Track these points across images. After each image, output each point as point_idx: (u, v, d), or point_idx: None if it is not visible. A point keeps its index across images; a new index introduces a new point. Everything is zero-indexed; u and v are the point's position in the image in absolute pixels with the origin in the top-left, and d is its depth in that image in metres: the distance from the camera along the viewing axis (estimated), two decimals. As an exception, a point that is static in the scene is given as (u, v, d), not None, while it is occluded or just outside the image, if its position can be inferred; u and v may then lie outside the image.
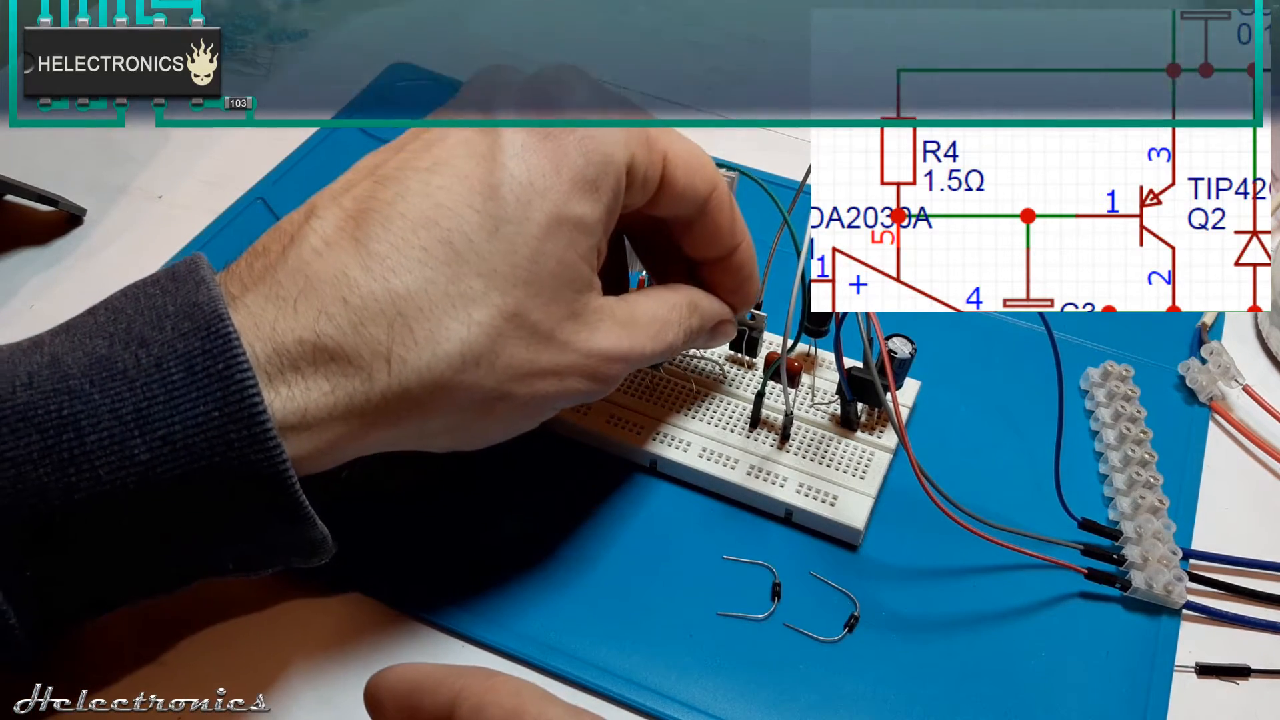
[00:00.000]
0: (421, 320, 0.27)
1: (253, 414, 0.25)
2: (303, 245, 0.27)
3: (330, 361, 0.26)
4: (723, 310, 0.35)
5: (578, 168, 0.28)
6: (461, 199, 0.27)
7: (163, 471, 0.25)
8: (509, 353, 0.28)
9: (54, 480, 0.25)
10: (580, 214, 0.28)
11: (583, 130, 0.28)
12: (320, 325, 0.26)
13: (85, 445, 0.25)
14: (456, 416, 0.28)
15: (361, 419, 0.27)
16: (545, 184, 0.28)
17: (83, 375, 0.25)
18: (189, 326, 0.26)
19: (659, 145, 0.30)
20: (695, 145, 0.32)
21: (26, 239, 0.46)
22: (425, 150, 0.28)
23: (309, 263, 0.27)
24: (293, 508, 0.27)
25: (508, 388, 0.28)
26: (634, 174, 0.29)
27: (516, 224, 0.27)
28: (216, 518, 0.26)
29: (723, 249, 0.34)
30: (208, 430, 0.25)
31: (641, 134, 0.29)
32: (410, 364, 0.27)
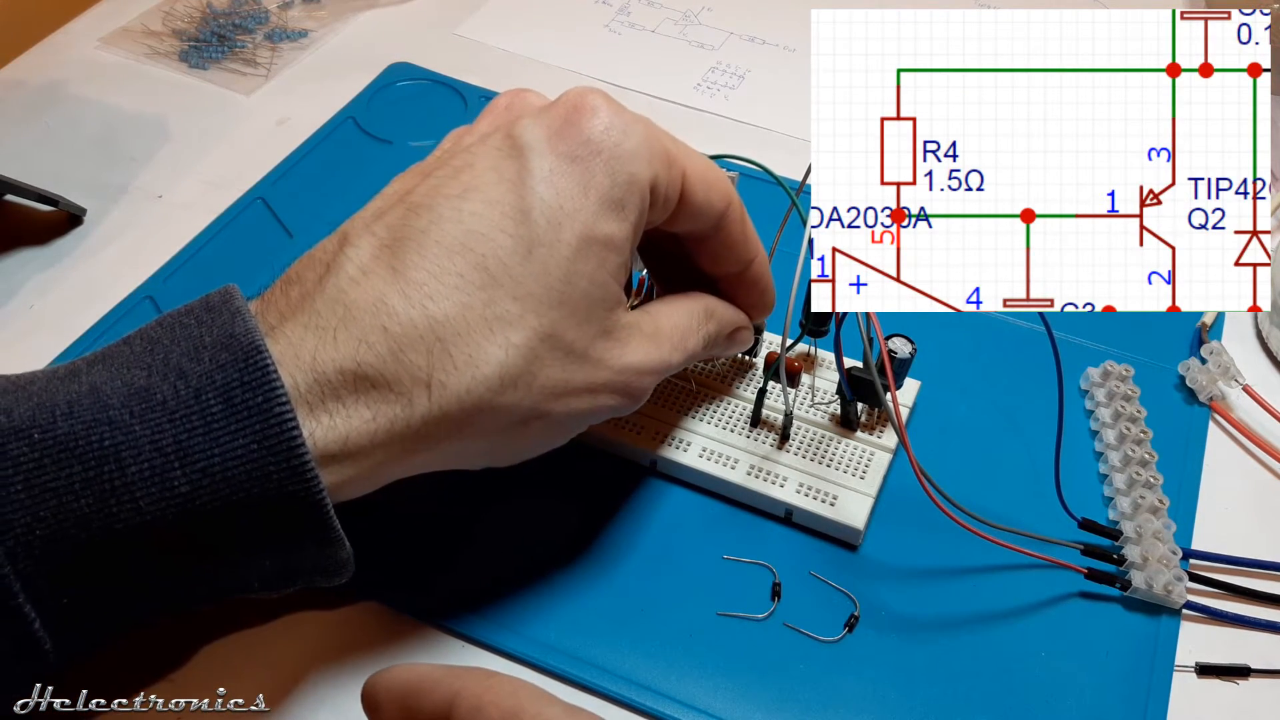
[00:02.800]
0: (460, 345, 0.27)
1: (291, 447, 0.25)
2: (339, 274, 0.27)
3: (372, 389, 0.27)
4: (738, 317, 0.35)
5: (604, 189, 0.29)
6: (494, 224, 0.28)
7: (202, 503, 0.25)
8: (545, 373, 0.28)
9: (95, 510, 0.25)
10: (609, 233, 0.29)
11: (608, 152, 0.29)
12: (361, 354, 0.26)
13: (127, 476, 0.25)
14: (495, 437, 0.29)
15: (403, 444, 0.27)
16: (574, 205, 0.28)
17: (123, 406, 0.25)
18: (226, 358, 0.26)
19: (679, 163, 0.31)
20: (711, 162, 0.32)
21: (26, 239, 0.46)
22: (454, 177, 0.29)
23: (346, 291, 0.27)
24: (326, 532, 0.27)
25: (544, 406, 0.29)
26: (657, 192, 0.30)
27: (548, 246, 0.28)
28: (251, 544, 0.27)
29: (738, 264, 0.34)
30: (246, 463, 0.25)
31: (663, 152, 0.30)
32: (450, 388, 0.27)
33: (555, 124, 0.29)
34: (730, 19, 0.61)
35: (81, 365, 0.27)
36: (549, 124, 0.29)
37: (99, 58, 0.56)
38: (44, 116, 0.52)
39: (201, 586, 0.28)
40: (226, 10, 0.58)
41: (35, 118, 0.52)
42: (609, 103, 0.30)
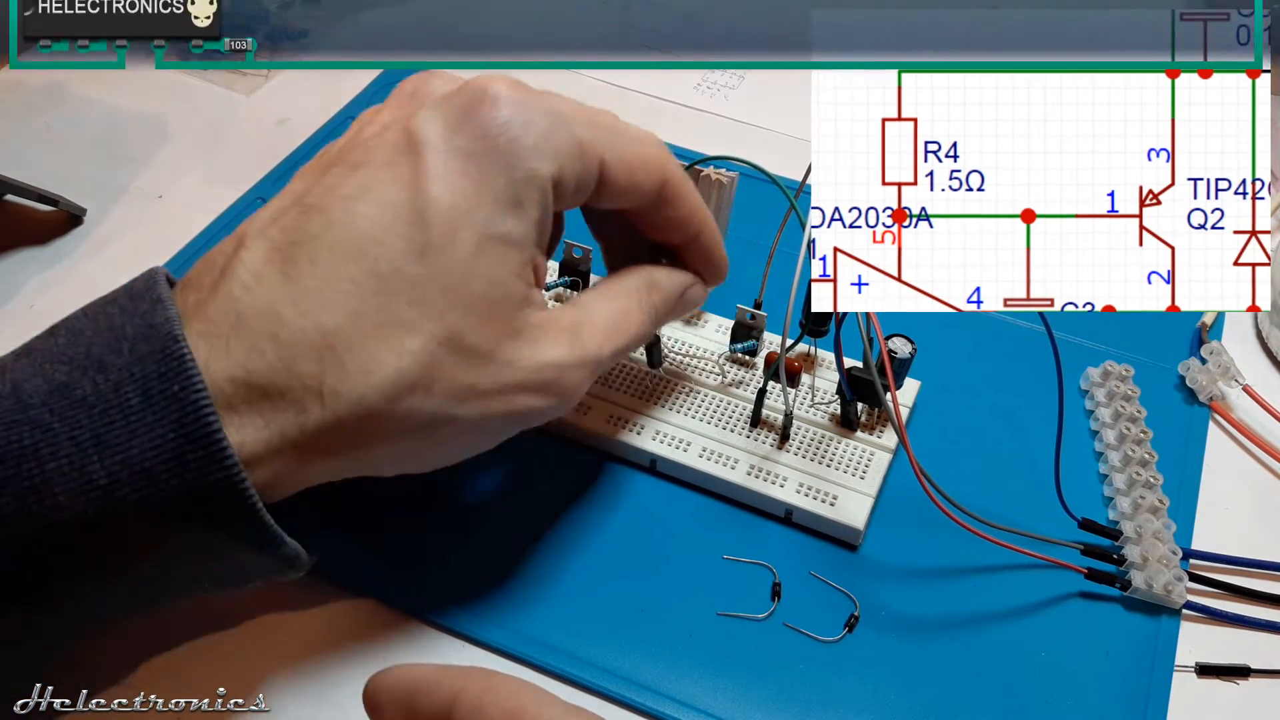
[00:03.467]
0: (352, 352, 0.27)
1: (208, 434, 0.25)
2: (233, 281, 0.27)
3: (263, 398, 0.26)
4: (684, 278, 0.34)
5: (499, 188, 0.28)
6: (387, 227, 0.27)
7: (123, 496, 0.25)
8: (447, 377, 0.28)
9: (15, 510, 0.25)
10: (506, 231, 0.28)
11: (505, 148, 0.28)
12: (251, 363, 0.26)
13: (45, 473, 0.25)
14: (399, 443, 0.28)
15: (297, 452, 0.27)
16: (469, 205, 0.27)
17: (43, 405, 0.25)
18: (145, 350, 0.26)
19: (593, 151, 0.30)
20: (643, 142, 0.31)
21: (26, 239, 0.46)
22: (350, 175, 0.28)
23: (239, 299, 0.27)
24: (258, 529, 0.26)
25: (451, 411, 0.28)
26: (562, 185, 0.29)
27: (443, 249, 0.27)
28: (184, 543, 0.26)
29: (684, 236, 0.33)
30: (164, 453, 0.25)
31: (570, 144, 0.29)
32: (344, 396, 0.26)
33: (453, 117, 0.28)
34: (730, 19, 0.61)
35: (7, 360, 0.27)
36: (447, 117, 0.28)
37: (99, 58, 0.56)
38: (44, 116, 0.52)
39: (143, 590, 0.27)
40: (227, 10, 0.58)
41: (35, 118, 0.52)
42: (513, 90, 0.29)
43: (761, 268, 0.38)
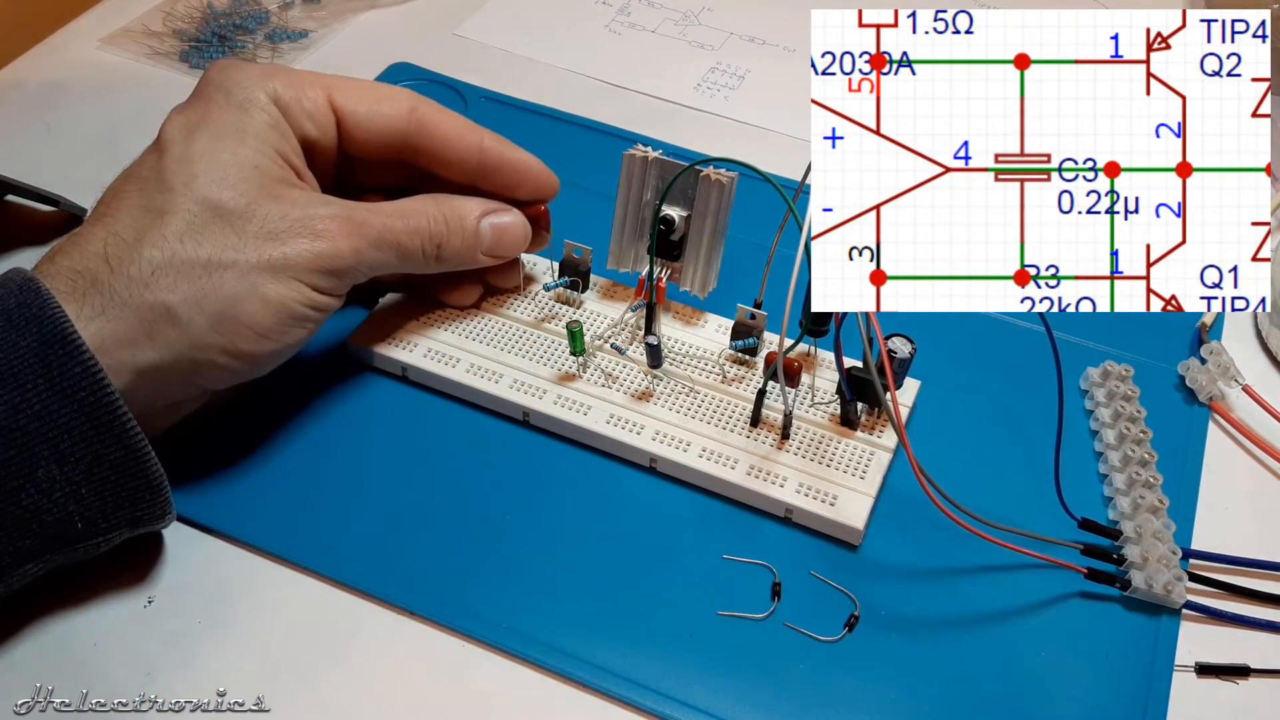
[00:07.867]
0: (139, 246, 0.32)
1: (66, 335, 0.29)
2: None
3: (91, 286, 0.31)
4: (483, 204, 0.38)
5: (220, 102, 0.35)
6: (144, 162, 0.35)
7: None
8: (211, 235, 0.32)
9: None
10: (238, 123, 0.34)
11: (226, 87, 0.35)
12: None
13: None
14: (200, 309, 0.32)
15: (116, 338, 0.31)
16: (197, 119, 0.35)
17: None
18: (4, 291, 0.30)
19: (317, 84, 0.36)
20: (384, 87, 0.38)
21: (26, 239, 0.46)
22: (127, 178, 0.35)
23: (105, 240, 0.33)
24: (119, 428, 0.30)
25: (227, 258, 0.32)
26: (282, 101, 0.35)
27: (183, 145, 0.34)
28: (52, 455, 0.29)
29: (468, 149, 0.38)
30: (30, 358, 0.29)
31: (283, 74, 0.36)
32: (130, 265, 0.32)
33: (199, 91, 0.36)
34: (730, 19, 0.61)
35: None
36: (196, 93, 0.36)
37: (99, 58, 0.56)
38: (44, 116, 0.52)
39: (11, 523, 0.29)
40: (227, 10, 0.58)
41: (35, 118, 0.52)
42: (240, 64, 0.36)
43: (761, 268, 0.38)
